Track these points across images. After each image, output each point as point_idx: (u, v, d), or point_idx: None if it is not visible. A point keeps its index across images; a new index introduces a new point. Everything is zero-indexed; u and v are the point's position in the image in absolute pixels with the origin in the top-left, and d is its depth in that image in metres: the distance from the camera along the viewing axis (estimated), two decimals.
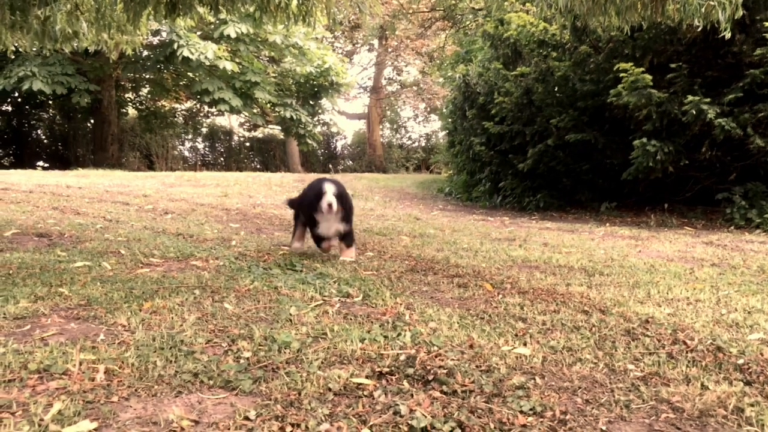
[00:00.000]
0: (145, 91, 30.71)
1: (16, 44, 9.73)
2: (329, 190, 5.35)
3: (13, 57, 17.45)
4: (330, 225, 5.58)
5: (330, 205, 5.27)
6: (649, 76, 9.86)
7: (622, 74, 10.11)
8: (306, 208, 5.62)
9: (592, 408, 2.47)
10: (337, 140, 38.40)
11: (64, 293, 3.99)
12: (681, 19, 6.36)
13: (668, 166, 10.13)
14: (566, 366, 2.92)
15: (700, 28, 6.35)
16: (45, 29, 8.52)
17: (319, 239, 5.75)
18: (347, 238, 5.76)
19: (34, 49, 10.03)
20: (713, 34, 8.06)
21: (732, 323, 3.70)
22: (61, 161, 28.53)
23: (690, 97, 9.45)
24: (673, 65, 10.07)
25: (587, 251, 6.70)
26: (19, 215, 8.36)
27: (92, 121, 28.61)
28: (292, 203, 6.54)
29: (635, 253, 6.67)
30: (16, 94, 26.02)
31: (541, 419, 2.34)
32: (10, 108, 29.39)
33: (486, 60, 14.77)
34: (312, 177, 20.13)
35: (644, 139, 10.02)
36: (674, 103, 9.83)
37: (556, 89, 12.08)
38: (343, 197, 5.47)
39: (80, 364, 2.67)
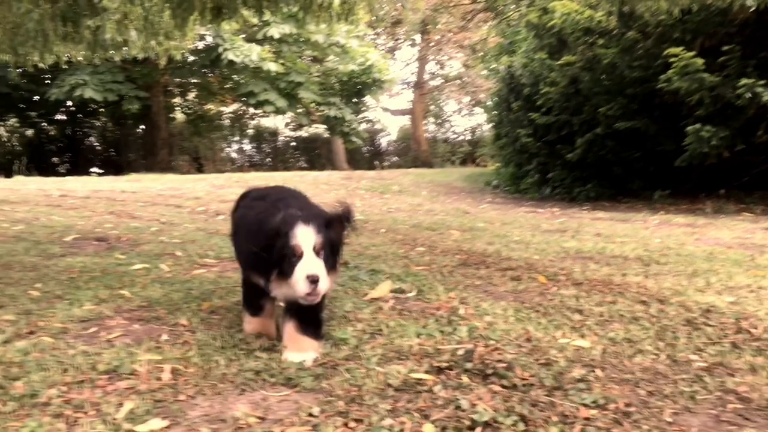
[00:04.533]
0: (192, 95, 31.24)
1: (68, 55, 10.02)
2: (306, 239, 2.80)
3: (65, 67, 17.98)
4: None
5: (314, 282, 2.74)
6: (700, 60, 9.62)
7: (672, 59, 9.89)
8: (260, 264, 2.95)
9: (656, 400, 2.44)
10: (381, 137, 38.44)
11: (125, 295, 4.10)
12: (732, 0, 6.20)
13: (723, 152, 9.88)
14: (627, 358, 2.89)
15: (753, 8, 6.18)
16: (96, 39, 8.75)
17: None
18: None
19: (85, 59, 10.32)
20: (767, 13, 7.83)
21: None
22: (114, 167, 29.24)
23: (744, 80, 9.20)
24: (725, 48, 9.80)
25: (642, 240, 6.58)
26: (77, 220, 8.60)
27: (142, 126, 29.27)
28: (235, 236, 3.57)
29: (692, 241, 6.53)
30: (70, 103, 26.76)
31: (605, 412, 2.32)
32: (64, 117, 30.24)
33: (530, 50, 14.60)
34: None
35: (697, 125, 9.79)
36: (727, 86, 9.57)
37: (603, 77, 11.88)
38: (332, 240, 2.92)
39: (147, 364, 2.75)
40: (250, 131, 35.94)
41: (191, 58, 24.32)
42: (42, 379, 2.58)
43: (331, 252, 2.89)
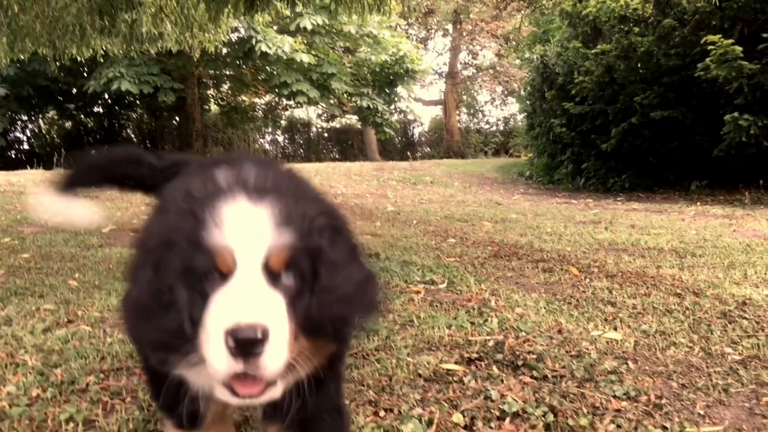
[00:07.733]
0: (225, 87, 31.49)
1: (105, 48, 10.19)
2: (246, 236, 1.27)
3: (102, 60, 18.27)
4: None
5: (246, 344, 1.18)
6: (739, 48, 9.42)
7: (709, 47, 9.70)
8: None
9: (689, 392, 2.42)
10: (414, 127, 38.35)
11: None
12: None
13: (762, 141, 9.67)
14: (660, 350, 2.86)
15: None
16: (132, 32, 8.88)
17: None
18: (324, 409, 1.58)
19: (122, 51, 10.48)
20: None
21: None
22: None
23: None
24: (765, 35, 9.58)
25: (677, 232, 6.49)
26: (114, 211, 8.75)
27: (177, 118, 29.62)
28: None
29: (729, 233, 6.42)
30: (106, 96, 27.19)
31: (636, 403, 2.31)
32: (101, 109, 30.76)
33: (564, 39, 14.44)
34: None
35: (736, 114, 9.60)
36: (767, 74, 9.36)
37: (639, 65, 11.71)
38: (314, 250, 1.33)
39: None
40: (283, 122, 36.17)
41: (225, 50, 24.47)
42: (81, 366, 2.65)
43: (312, 276, 1.33)
